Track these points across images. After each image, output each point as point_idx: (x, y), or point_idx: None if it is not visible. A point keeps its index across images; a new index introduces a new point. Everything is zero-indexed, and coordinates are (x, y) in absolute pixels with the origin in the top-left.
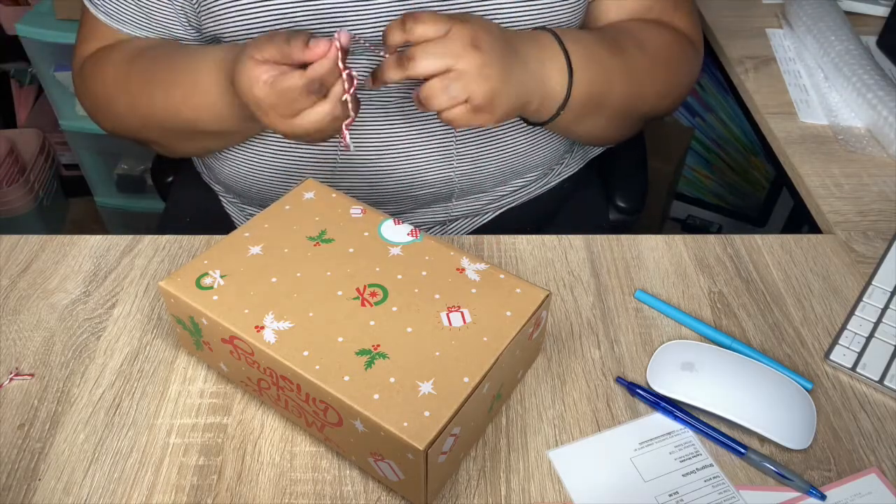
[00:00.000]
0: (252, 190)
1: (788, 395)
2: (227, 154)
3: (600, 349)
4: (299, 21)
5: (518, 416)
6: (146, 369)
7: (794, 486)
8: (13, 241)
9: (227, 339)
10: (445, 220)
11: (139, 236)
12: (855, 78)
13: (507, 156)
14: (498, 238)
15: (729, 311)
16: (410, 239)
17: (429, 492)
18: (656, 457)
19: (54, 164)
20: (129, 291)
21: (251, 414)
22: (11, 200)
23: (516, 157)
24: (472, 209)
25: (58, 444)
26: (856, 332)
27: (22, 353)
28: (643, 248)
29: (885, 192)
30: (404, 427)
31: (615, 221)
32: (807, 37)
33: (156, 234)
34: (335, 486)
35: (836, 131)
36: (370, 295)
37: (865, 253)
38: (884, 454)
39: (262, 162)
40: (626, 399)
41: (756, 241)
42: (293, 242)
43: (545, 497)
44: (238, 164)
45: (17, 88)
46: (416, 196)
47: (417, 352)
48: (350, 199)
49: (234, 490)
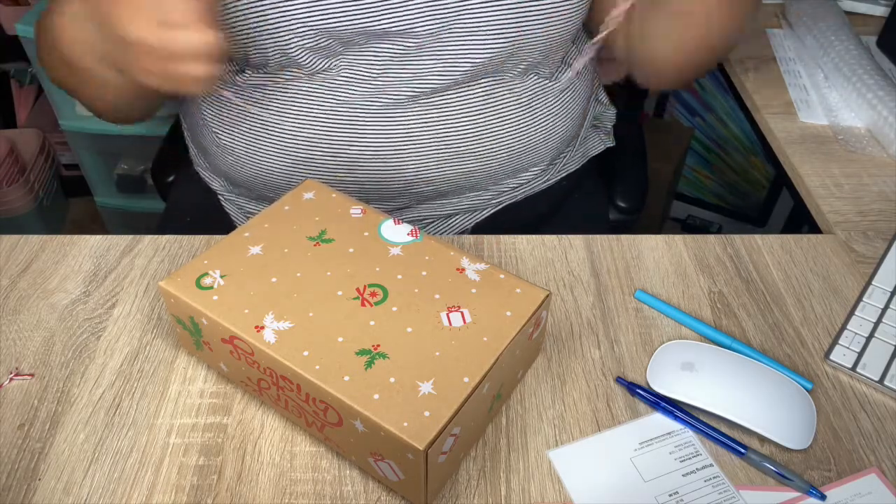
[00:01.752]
0: (254, 181)
1: (788, 395)
2: (229, 144)
3: (600, 349)
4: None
5: (518, 416)
6: (146, 369)
7: (794, 486)
8: (13, 241)
9: (227, 339)
10: (445, 216)
11: (139, 236)
12: (855, 78)
13: (507, 151)
14: (498, 238)
15: (729, 311)
16: (410, 239)
17: (429, 492)
18: (656, 457)
19: (54, 164)
20: (129, 291)
21: (251, 414)
22: (11, 200)
23: (515, 152)
24: (471, 205)
25: (58, 444)
26: (856, 332)
27: (22, 353)
28: (643, 248)
29: (885, 192)
30: (404, 427)
31: (615, 221)
32: (807, 37)
33: (156, 234)
34: (335, 486)
35: (836, 131)
36: (370, 295)
37: (865, 253)
38: (884, 454)
39: (264, 150)
40: (626, 399)
41: (756, 241)
42: (293, 242)
43: (545, 497)
44: (240, 154)
45: (17, 88)
46: (416, 192)
47: (417, 352)
48: (350, 199)
49: (234, 490)
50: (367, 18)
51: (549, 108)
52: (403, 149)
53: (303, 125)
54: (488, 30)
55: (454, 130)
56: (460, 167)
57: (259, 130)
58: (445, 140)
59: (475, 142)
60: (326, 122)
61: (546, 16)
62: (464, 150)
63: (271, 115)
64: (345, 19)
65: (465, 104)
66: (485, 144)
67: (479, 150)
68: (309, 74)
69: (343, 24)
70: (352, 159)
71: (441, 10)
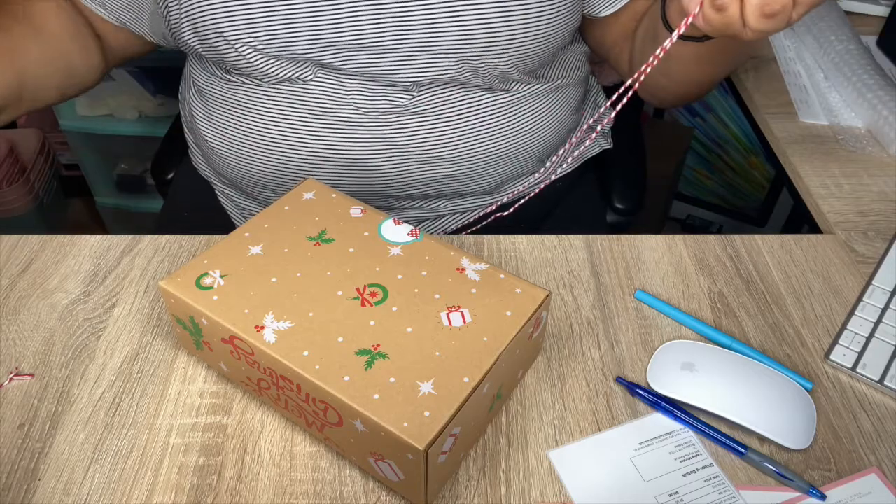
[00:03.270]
0: (241, 181)
1: (788, 395)
2: (215, 145)
3: (600, 349)
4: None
5: (518, 416)
6: (146, 369)
7: (794, 486)
8: (13, 241)
9: (227, 339)
10: (433, 217)
11: (139, 236)
12: (855, 78)
13: (487, 157)
14: (498, 238)
15: (729, 311)
16: (410, 239)
17: (429, 492)
18: (656, 457)
19: (54, 164)
20: (129, 291)
21: (251, 414)
22: (11, 200)
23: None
24: (459, 207)
25: (58, 444)
26: (856, 332)
27: (22, 353)
28: (643, 248)
29: (885, 192)
30: (404, 427)
31: (612, 222)
32: (807, 37)
33: (155, 232)
34: (335, 486)
35: (836, 131)
36: (370, 295)
37: (865, 253)
38: (884, 454)
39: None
40: (626, 399)
41: (756, 241)
42: (293, 242)
43: (545, 497)
44: (226, 154)
45: None
46: (397, 195)
47: (417, 352)
48: (350, 199)
49: (234, 490)
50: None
51: (530, 118)
52: (383, 153)
53: (281, 130)
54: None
55: (433, 136)
56: (441, 171)
57: (240, 132)
58: (424, 146)
59: (455, 148)
60: (305, 128)
61: (515, 27)
62: (444, 155)
63: (252, 118)
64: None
65: (442, 112)
66: (465, 150)
67: (459, 155)
68: (280, 82)
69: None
70: (331, 163)
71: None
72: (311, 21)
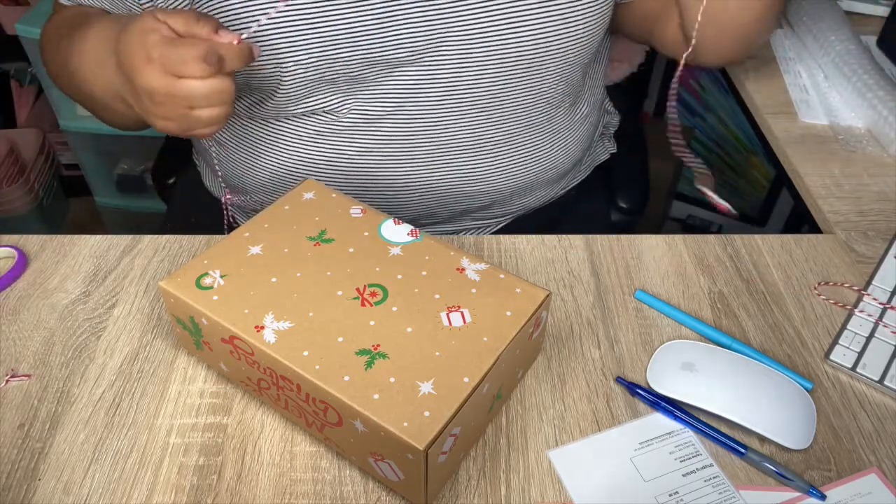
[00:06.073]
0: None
1: (788, 395)
2: (236, 156)
3: (600, 349)
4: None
5: (518, 416)
6: (146, 369)
7: (794, 486)
8: (13, 241)
9: (227, 339)
10: (451, 232)
11: (139, 236)
12: (855, 78)
13: (515, 177)
14: (498, 238)
15: (729, 311)
16: (410, 239)
17: (429, 492)
18: (656, 457)
19: (54, 164)
20: (129, 291)
21: (251, 414)
22: (11, 200)
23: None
24: (477, 225)
25: (58, 444)
26: (856, 332)
27: (22, 353)
28: (643, 248)
29: (885, 192)
30: (404, 427)
31: (616, 222)
32: (807, 37)
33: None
34: (335, 486)
35: (836, 131)
36: (370, 295)
37: (865, 253)
38: (884, 454)
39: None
40: (626, 399)
41: (756, 241)
42: (293, 242)
43: (545, 497)
44: (247, 167)
45: (17, 88)
46: (422, 215)
47: (417, 352)
48: (350, 199)
49: (234, 490)
50: (371, 45)
51: (562, 136)
52: (411, 178)
53: (306, 161)
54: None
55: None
56: (466, 194)
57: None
58: (456, 173)
59: (484, 171)
60: (332, 158)
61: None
62: (472, 179)
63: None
64: (348, 47)
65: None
66: (494, 172)
67: (487, 177)
68: (311, 114)
69: (346, 53)
70: (363, 174)
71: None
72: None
